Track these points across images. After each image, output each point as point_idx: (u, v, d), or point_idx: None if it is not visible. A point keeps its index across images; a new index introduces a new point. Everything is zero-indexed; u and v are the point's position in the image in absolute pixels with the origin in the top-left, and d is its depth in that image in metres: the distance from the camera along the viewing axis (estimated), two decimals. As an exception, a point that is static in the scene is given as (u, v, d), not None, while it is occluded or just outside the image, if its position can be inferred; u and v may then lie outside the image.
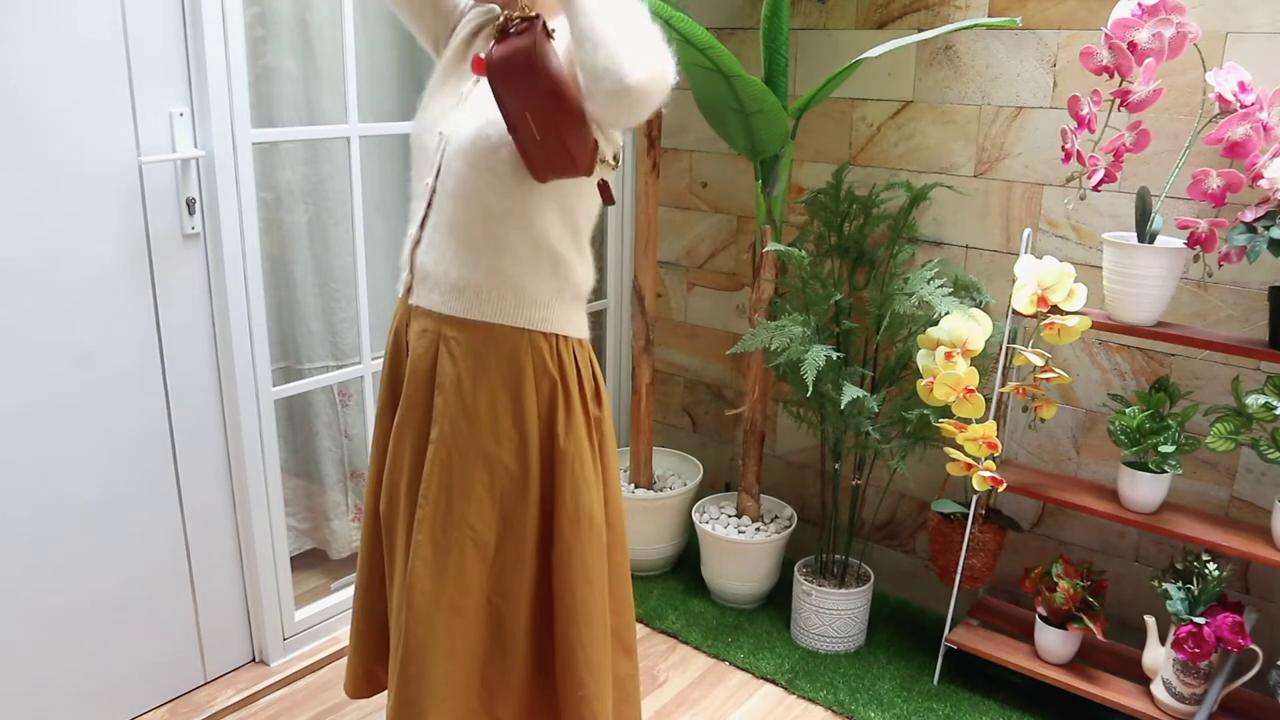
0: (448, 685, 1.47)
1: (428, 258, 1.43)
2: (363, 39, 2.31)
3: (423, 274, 1.44)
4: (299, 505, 2.62)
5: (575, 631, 1.48)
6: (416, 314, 1.47)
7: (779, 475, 2.85)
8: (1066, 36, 2.14)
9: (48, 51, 1.71)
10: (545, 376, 1.44)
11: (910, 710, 2.20)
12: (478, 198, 1.37)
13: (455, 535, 1.44)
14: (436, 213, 1.42)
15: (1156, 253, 1.94)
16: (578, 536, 1.47)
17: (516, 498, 1.46)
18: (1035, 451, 2.37)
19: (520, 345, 1.42)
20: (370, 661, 1.73)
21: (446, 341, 1.42)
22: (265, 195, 2.34)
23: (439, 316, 1.43)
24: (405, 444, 1.49)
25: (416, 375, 1.46)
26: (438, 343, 1.43)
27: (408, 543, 1.49)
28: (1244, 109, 1.81)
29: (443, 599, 1.45)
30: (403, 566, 1.50)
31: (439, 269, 1.42)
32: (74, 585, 1.92)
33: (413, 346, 1.46)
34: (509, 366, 1.42)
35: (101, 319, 1.87)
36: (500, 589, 1.49)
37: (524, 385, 1.42)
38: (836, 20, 2.47)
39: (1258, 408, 1.87)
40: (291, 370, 2.48)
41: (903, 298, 2.17)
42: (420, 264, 1.45)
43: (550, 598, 1.51)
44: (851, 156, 2.53)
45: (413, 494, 1.48)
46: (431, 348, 1.44)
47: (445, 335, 1.42)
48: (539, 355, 1.43)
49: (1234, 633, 1.89)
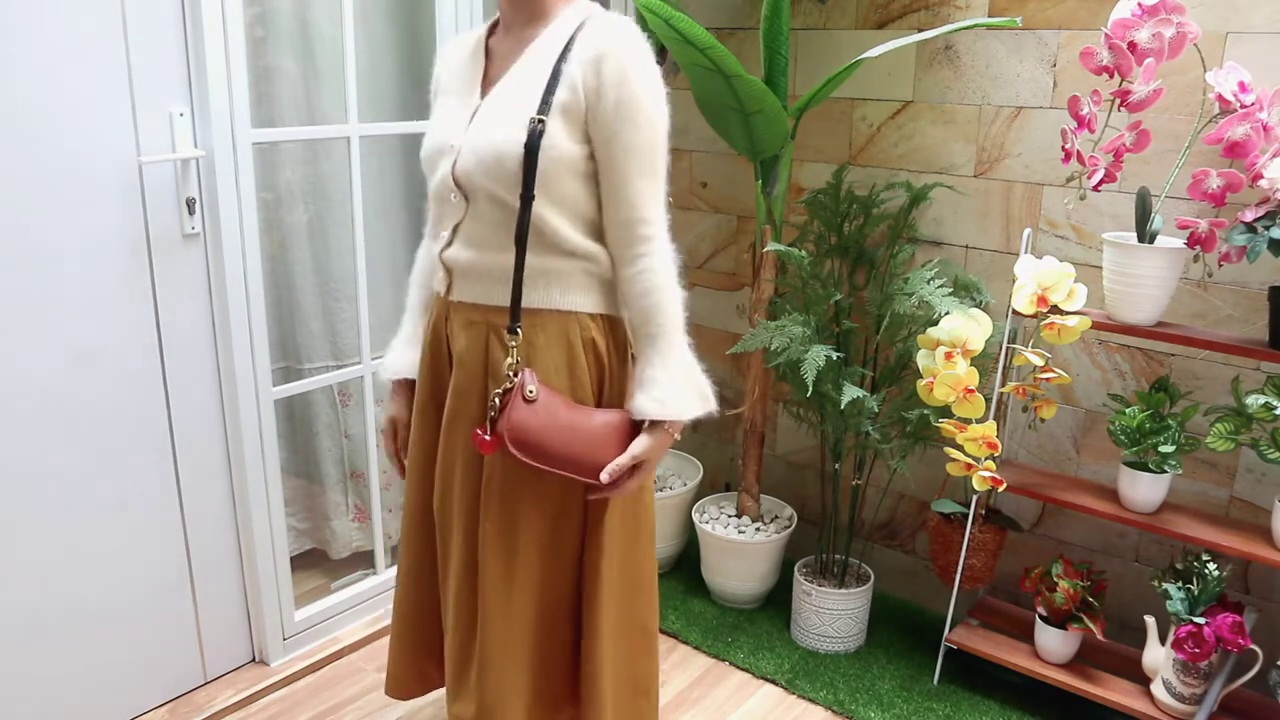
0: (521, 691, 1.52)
1: (463, 256, 1.45)
2: (363, 39, 2.31)
3: (462, 271, 1.46)
4: (299, 505, 2.62)
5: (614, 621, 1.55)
6: (460, 308, 1.48)
7: (779, 475, 2.85)
8: (1066, 36, 2.14)
9: (48, 51, 1.71)
10: (593, 354, 1.47)
11: (910, 710, 2.20)
12: (500, 203, 1.39)
13: (525, 537, 1.47)
14: (468, 220, 1.44)
15: (1156, 253, 1.94)
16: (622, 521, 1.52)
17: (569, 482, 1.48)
18: (1035, 451, 2.37)
19: (569, 326, 1.44)
20: (423, 661, 1.70)
21: (496, 330, 1.44)
22: (265, 195, 2.34)
23: (486, 308, 1.45)
24: (459, 435, 1.49)
25: (467, 366, 1.47)
26: (488, 332, 1.45)
27: (467, 536, 1.50)
28: (1244, 109, 1.81)
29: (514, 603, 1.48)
30: (459, 563, 1.51)
31: (478, 265, 1.44)
32: (74, 585, 1.92)
33: (459, 339, 1.48)
34: (561, 348, 1.44)
35: (101, 319, 1.87)
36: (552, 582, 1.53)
37: (576, 364, 1.45)
38: (836, 20, 2.47)
39: (1258, 408, 1.87)
40: (291, 370, 2.48)
41: (903, 298, 2.17)
42: (456, 262, 1.46)
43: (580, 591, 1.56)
44: (851, 156, 2.53)
45: (469, 484, 1.49)
46: (481, 337, 1.45)
47: (494, 324, 1.44)
48: (586, 335, 1.45)
49: (1234, 633, 1.89)
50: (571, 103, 1.35)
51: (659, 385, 1.41)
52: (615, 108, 1.34)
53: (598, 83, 1.34)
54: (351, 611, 2.43)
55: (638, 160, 1.38)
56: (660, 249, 1.41)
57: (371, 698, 2.19)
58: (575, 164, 1.38)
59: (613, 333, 1.50)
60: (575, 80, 1.35)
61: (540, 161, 1.35)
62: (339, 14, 2.14)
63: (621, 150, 1.37)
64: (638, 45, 1.37)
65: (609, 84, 1.34)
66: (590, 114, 1.36)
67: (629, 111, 1.35)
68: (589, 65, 1.34)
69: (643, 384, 1.42)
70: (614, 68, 1.34)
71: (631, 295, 1.42)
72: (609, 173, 1.39)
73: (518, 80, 1.40)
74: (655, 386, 1.41)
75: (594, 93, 1.35)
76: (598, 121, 1.36)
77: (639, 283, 1.41)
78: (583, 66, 1.35)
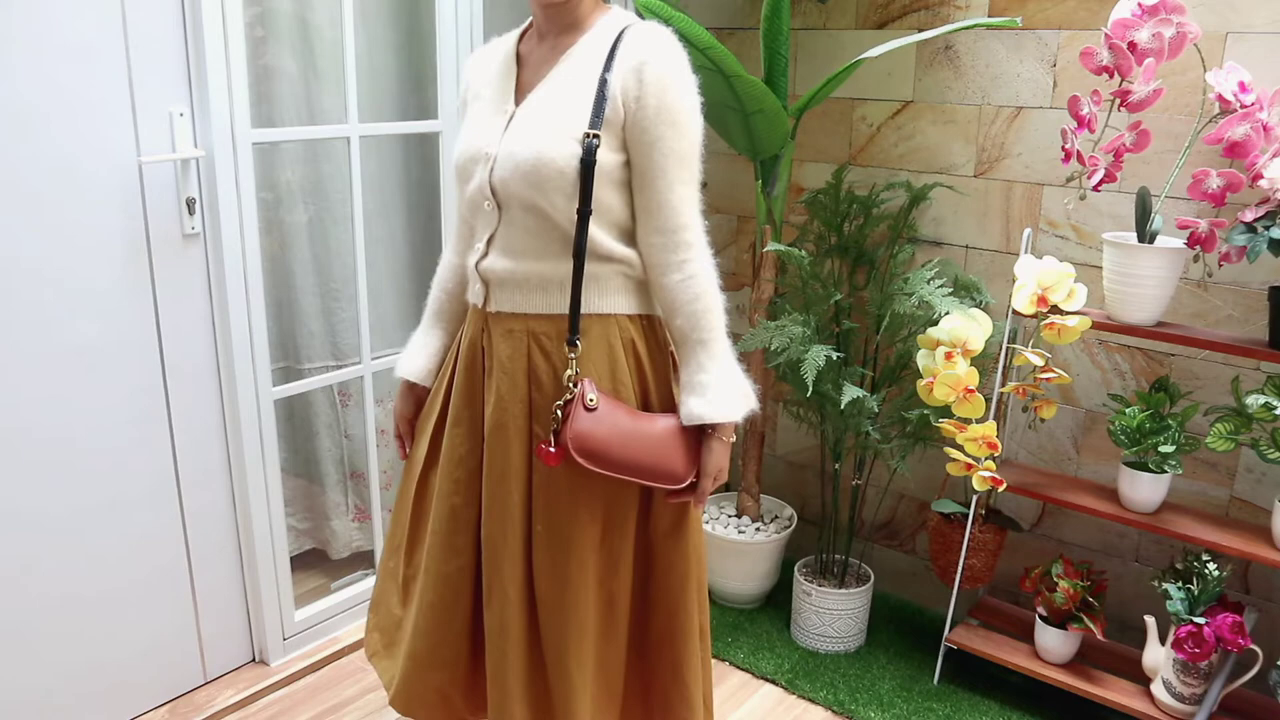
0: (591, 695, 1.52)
1: (500, 265, 1.44)
2: (363, 39, 2.31)
3: (499, 281, 1.45)
4: (299, 505, 2.62)
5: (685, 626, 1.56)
6: (499, 318, 1.47)
7: (779, 475, 2.85)
8: (1066, 36, 2.14)
9: (48, 51, 1.71)
10: (633, 355, 1.48)
11: (910, 710, 2.20)
12: (537, 212, 1.39)
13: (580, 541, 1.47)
14: (503, 228, 1.43)
15: (1156, 253, 1.94)
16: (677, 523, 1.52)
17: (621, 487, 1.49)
18: (1035, 451, 2.37)
19: (610, 329, 1.45)
20: (447, 685, 1.58)
21: (537, 338, 1.44)
22: (265, 195, 2.34)
23: (526, 316, 1.45)
24: (505, 443, 1.47)
25: (510, 375, 1.46)
26: (528, 340, 1.45)
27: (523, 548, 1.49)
28: (1244, 109, 1.81)
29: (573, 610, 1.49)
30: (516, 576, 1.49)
31: (516, 274, 1.43)
32: (74, 585, 1.92)
33: (500, 349, 1.46)
34: (603, 351, 1.45)
35: (101, 319, 1.87)
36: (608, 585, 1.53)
37: (618, 366, 1.46)
38: (836, 20, 2.47)
39: (1258, 408, 1.87)
40: (291, 370, 2.48)
41: (903, 298, 2.17)
42: (493, 272, 1.45)
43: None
44: (851, 156, 2.53)
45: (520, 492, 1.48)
46: (522, 346, 1.45)
47: (534, 332, 1.44)
48: (626, 336, 1.46)
49: (1234, 633, 1.89)
50: (611, 113, 1.37)
51: (711, 389, 1.42)
52: (656, 114, 1.35)
53: (639, 90, 1.35)
54: (351, 611, 2.43)
55: (679, 166, 1.39)
56: (702, 254, 1.43)
57: (371, 698, 2.20)
58: (613, 173, 1.39)
59: (651, 332, 1.51)
60: (615, 89, 1.36)
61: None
62: (339, 14, 2.14)
63: (663, 156, 1.37)
64: (678, 53, 1.38)
65: (651, 91, 1.35)
66: (629, 121, 1.37)
67: (671, 117, 1.36)
68: (630, 73, 1.36)
69: (695, 388, 1.43)
70: (655, 74, 1.35)
71: (680, 302, 1.42)
72: (650, 179, 1.39)
73: (557, 89, 1.40)
74: (708, 390, 1.42)
75: (635, 100, 1.35)
76: (638, 128, 1.37)
77: (687, 289, 1.42)
78: (624, 75, 1.36)
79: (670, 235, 1.41)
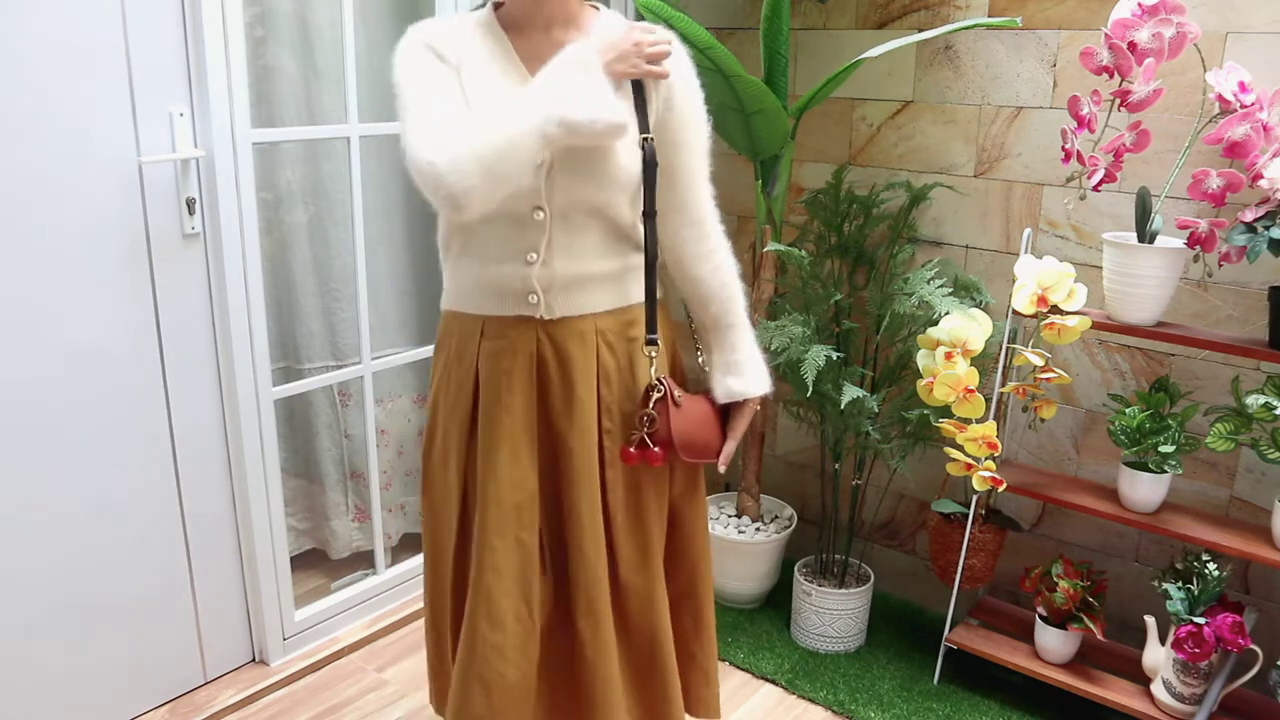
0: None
1: (565, 270, 1.42)
2: (363, 39, 2.30)
3: (563, 285, 1.42)
4: (299, 505, 2.62)
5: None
6: (564, 324, 1.44)
7: (779, 475, 2.85)
8: (1066, 36, 2.14)
9: (48, 51, 1.71)
10: (667, 339, 1.54)
11: (910, 710, 2.20)
12: (596, 213, 1.41)
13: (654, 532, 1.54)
14: (559, 235, 1.40)
15: (1156, 253, 1.94)
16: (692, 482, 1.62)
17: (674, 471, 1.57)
18: (1035, 451, 2.37)
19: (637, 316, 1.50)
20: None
21: (603, 335, 1.47)
22: (265, 195, 2.34)
23: (594, 315, 1.46)
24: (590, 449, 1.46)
25: (585, 375, 1.45)
26: (596, 339, 1.46)
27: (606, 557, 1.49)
28: (1244, 109, 1.81)
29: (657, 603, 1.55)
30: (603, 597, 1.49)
31: (581, 276, 1.43)
32: (74, 585, 1.92)
33: (574, 354, 1.44)
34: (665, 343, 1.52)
35: (101, 319, 1.87)
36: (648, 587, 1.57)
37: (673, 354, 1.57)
38: (836, 20, 2.47)
39: (1258, 408, 1.87)
40: (291, 370, 2.48)
41: (903, 298, 2.17)
42: (556, 279, 1.42)
43: None
44: (851, 156, 2.53)
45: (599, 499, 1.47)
46: (591, 346, 1.46)
47: (601, 329, 1.47)
48: (666, 319, 1.54)
49: (1234, 633, 1.89)
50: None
51: (747, 367, 1.54)
52: (683, 117, 1.42)
53: (668, 93, 1.40)
54: (351, 611, 2.43)
55: (702, 164, 1.48)
56: (724, 244, 1.53)
57: (371, 698, 2.20)
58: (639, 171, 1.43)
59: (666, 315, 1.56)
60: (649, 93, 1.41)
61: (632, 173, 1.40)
62: (339, 14, 2.14)
63: (690, 155, 1.45)
64: (686, 54, 1.45)
65: (678, 95, 1.41)
66: (659, 123, 1.41)
67: (695, 118, 1.44)
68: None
69: (731, 368, 1.54)
70: (681, 79, 1.41)
71: (712, 290, 1.51)
72: (680, 177, 1.45)
73: None
74: (744, 369, 1.54)
75: (664, 102, 1.41)
76: (668, 130, 1.42)
77: (717, 278, 1.51)
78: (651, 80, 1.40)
79: (699, 228, 1.49)
